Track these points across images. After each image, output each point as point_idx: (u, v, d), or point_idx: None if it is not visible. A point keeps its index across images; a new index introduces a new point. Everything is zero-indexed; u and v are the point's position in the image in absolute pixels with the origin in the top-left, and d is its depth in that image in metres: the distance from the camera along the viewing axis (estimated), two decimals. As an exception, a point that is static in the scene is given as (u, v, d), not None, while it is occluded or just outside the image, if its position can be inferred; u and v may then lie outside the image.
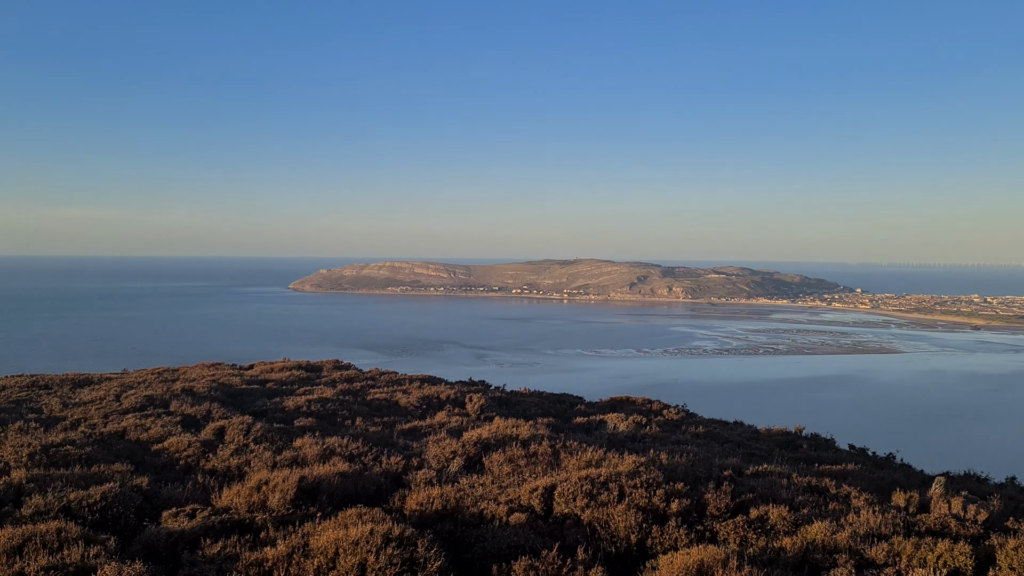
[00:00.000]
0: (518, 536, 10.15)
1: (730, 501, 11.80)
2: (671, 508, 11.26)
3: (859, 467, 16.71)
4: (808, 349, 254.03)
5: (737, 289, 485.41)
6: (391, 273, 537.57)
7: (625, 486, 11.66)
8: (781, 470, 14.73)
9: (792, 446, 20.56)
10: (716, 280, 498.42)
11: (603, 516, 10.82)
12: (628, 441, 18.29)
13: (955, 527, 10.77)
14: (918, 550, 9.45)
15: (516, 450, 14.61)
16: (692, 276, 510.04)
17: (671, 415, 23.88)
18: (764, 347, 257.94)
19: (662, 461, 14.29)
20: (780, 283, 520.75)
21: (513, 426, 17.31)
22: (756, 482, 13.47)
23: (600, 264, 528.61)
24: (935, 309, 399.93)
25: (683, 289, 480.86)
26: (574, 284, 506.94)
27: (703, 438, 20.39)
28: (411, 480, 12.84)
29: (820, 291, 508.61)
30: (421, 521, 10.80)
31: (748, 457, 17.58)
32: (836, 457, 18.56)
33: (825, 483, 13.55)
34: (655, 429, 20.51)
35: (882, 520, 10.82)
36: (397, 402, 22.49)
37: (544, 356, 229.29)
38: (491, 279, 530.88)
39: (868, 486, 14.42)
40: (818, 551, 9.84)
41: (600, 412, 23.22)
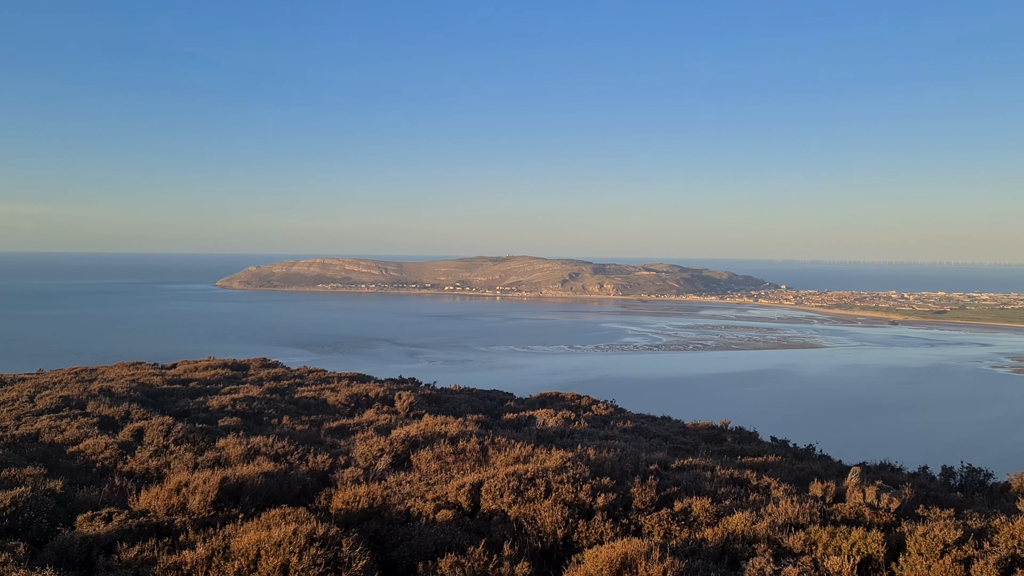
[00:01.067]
0: (445, 533, 10.12)
1: (655, 495, 11.98)
2: (597, 503, 11.38)
3: (780, 459, 17.15)
4: (736, 345, 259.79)
5: (667, 286, 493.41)
6: (322, 270, 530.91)
7: (552, 482, 11.73)
8: (705, 463, 15.02)
9: (717, 440, 20.99)
10: (647, 277, 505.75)
11: (530, 512, 10.86)
12: (557, 437, 18.41)
13: (869, 515, 11.13)
14: (833, 538, 9.74)
15: (444, 447, 14.57)
16: (623, 273, 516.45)
17: (600, 410, 24.13)
18: (693, 343, 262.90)
19: (590, 456, 14.42)
20: (709, 280, 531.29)
21: (442, 423, 17.27)
22: (681, 475, 13.71)
23: (532, 261, 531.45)
24: (855, 305, 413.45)
25: (614, 286, 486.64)
26: (507, 281, 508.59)
27: (631, 433, 20.67)
28: (338, 479, 12.69)
29: (747, 288, 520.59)
30: (347, 520, 10.69)
31: (674, 451, 17.88)
32: (759, 449, 19.01)
33: (747, 475, 13.86)
34: (584, 424, 20.70)
35: (800, 510, 11.12)
36: (325, 400, 22.22)
37: (476, 353, 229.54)
38: (424, 276, 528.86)
39: (788, 477, 14.82)
40: (738, 541, 10.06)
41: (530, 408, 23.33)
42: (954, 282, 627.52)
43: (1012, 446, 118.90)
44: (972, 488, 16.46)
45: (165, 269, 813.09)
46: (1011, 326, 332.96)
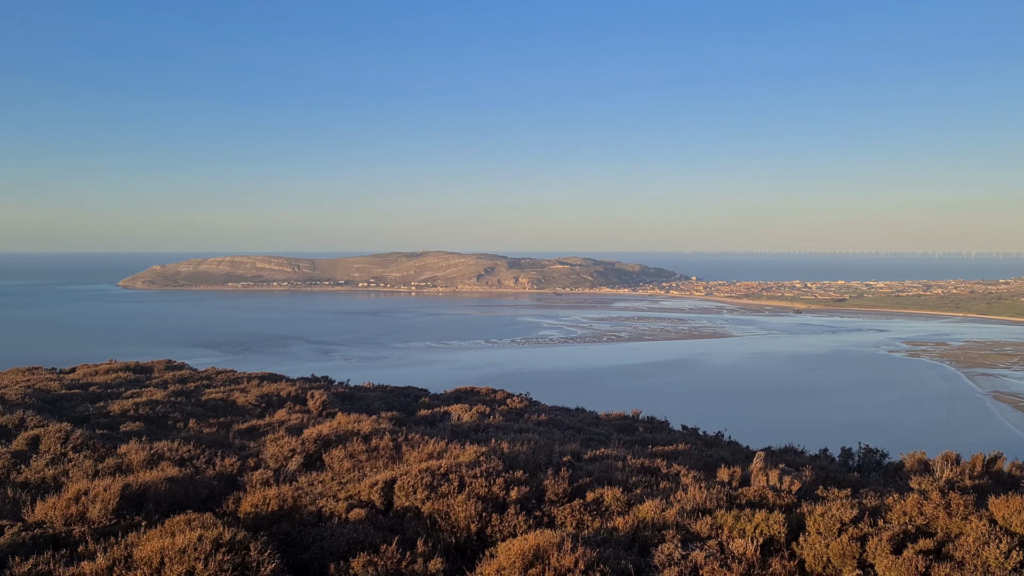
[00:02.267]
0: (358, 532, 10.01)
1: (568, 486, 12.12)
2: (511, 496, 11.44)
3: (690, 447, 17.58)
4: (649, 336, 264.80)
5: (581, 279, 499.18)
6: (231, 268, 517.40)
7: (466, 476, 11.74)
8: (617, 453, 15.28)
9: (630, 429, 21.35)
10: (561, 270, 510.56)
11: (443, 507, 10.85)
12: (471, 431, 18.43)
13: (772, 498, 11.51)
14: (738, 521, 10.04)
15: (357, 445, 14.42)
16: (538, 267, 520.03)
17: (515, 404, 24.26)
18: (607, 335, 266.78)
19: (503, 450, 14.48)
20: (622, 272, 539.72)
21: (355, 421, 17.08)
22: (593, 466, 13.91)
23: (448, 256, 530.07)
24: (762, 295, 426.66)
25: (529, 280, 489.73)
26: (422, 276, 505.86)
27: (545, 425, 20.84)
28: (247, 481, 12.41)
29: (659, 279, 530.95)
30: (256, 523, 10.46)
31: (587, 442, 18.12)
32: (669, 438, 19.43)
33: (657, 463, 14.16)
34: (499, 418, 20.77)
35: (707, 495, 11.43)
36: (234, 401, 21.68)
37: (392, 350, 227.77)
38: (337, 273, 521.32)
39: (697, 464, 15.21)
40: (648, 528, 10.27)
41: (445, 404, 23.28)
42: (853, 271, 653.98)
43: (908, 427, 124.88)
44: (869, 468, 17.19)
45: (61, 269, 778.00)
46: (905, 312, 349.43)
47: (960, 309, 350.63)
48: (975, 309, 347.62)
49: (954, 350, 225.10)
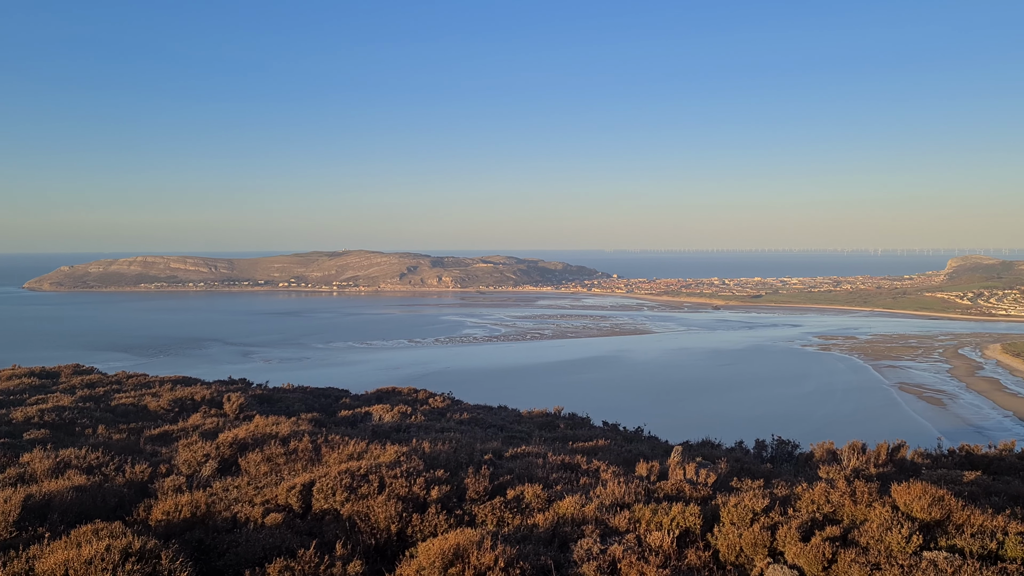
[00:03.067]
0: (274, 537, 9.82)
1: (489, 484, 12.14)
2: (432, 495, 11.39)
3: (610, 442, 17.81)
4: (571, 333, 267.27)
5: (504, 277, 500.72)
6: (144, 268, 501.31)
7: (386, 477, 11.65)
8: (538, 450, 15.37)
9: (551, 427, 21.52)
10: (484, 269, 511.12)
11: (363, 509, 10.73)
12: (393, 432, 18.29)
13: (688, 491, 11.76)
14: (655, 515, 10.22)
15: (275, 448, 14.15)
16: (461, 266, 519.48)
17: (437, 403, 24.19)
18: (531, 332, 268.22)
19: (425, 449, 14.42)
20: (545, 271, 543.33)
21: (274, 424, 16.75)
22: (515, 463, 13.96)
23: (370, 255, 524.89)
24: (681, 292, 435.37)
25: (452, 279, 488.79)
26: (344, 276, 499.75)
27: (467, 424, 20.84)
28: (158, 488, 12.04)
29: (581, 277, 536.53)
30: (168, 531, 10.17)
31: (509, 440, 18.18)
32: (590, 434, 19.65)
33: (578, 459, 14.30)
34: (420, 418, 20.67)
35: (626, 490, 11.59)
36: (146, 406, 21.01)
37: (314, 350, 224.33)
38: (256, 273, 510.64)
39: (616, 459, 15.42)
40: (568, 524, 10.37)
41: (366, 404, 23.05)
42: (769, 268, 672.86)
43: (820, 418, 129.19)
44: (782, 459, 17.73)
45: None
46: (817, 307, 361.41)
47: (868, 304, 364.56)
48: (882, 304, 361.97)
49: (862, 343, 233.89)
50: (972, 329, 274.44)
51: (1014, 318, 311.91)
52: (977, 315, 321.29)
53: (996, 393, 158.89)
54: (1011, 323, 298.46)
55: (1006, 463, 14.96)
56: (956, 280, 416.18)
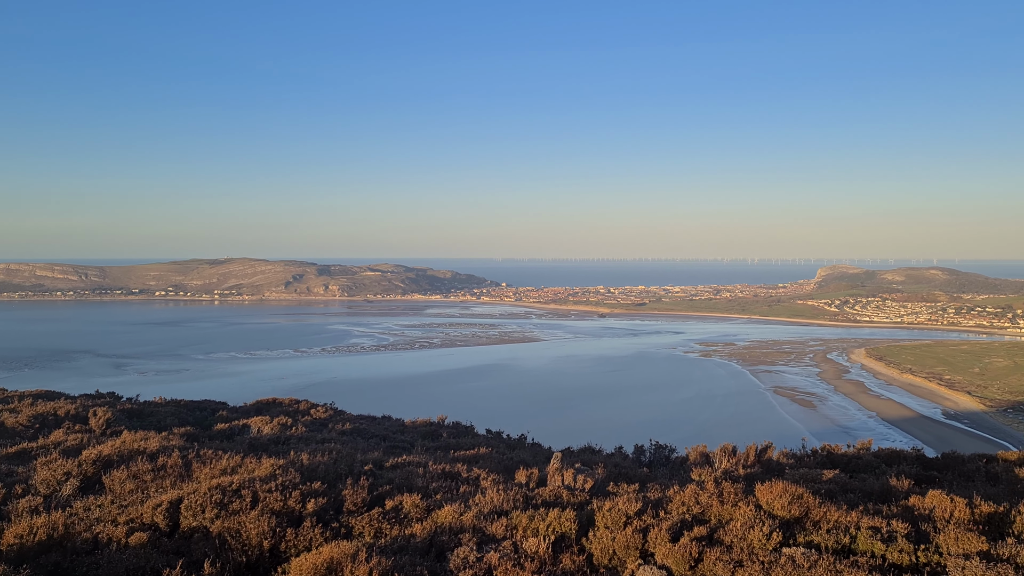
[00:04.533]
0: (138, 557, 9.41)
1: (367, 495, 11.99)
2: (307, 509, 11.16)
3: (491, 450, 17.88)
4: (460, 341, 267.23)
5: (393, 286, 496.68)
6: (7, 276, 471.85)
7: (259, 491, 11.33)
8: (420, 460, 15.28)
9: (434, 436, 21.43)
10: (372, 277, 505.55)
11: (234, 525, 10.41)
12: (271, 444, 17.81)
13: (566, 496, 11.93)
14: (532, 521, 10.33)
15: (143, 464, 13.55)
16: (348, 274, 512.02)
17: (319, 414, 23.71)
18: (419, 341, 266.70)
19: (303, 461, 14.11)
20: (434, 279, 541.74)
21: (143, 439, 16.03)
22: (395, 473, 13.83)
23: (253, 263, 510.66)
24: (569, 300, 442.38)
25: (340, 287, 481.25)
26: (226, 284, 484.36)
27: (349, 434, 20.52)
28: (11, 511, 11.34)
29: (470, 286, 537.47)
30: (21, 555, 9.59)
31: (391, 450, 18.01)
32: (473, 443, 19.67)
33: (458, 468, 14.30)
34: (301, 429, 20.21)
35: (504, 497, 11.66)
36: (2, 423, 19.74)
37: (194, 361, 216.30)
38: (131, 281, 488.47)
39: (497, 467, 15.50)
40: (445, 533, 10.35)
41: (244, 417, 22.37)
42: (652, 276, 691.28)
43: (701, 422, 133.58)
44: (659, 463, 18.22)
45: None
46: (699, 315, 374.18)
47: (745, 311, 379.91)
48: (758, 311, 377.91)
49: (740, 349, 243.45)
50: (839, 335, 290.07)
51: (876, 324, 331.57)
52: (844, 321, 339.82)
53: (861, 395, 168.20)
54: (874, 328, 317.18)
55: (863, 461, 15.84)
56: (825, 288, 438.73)
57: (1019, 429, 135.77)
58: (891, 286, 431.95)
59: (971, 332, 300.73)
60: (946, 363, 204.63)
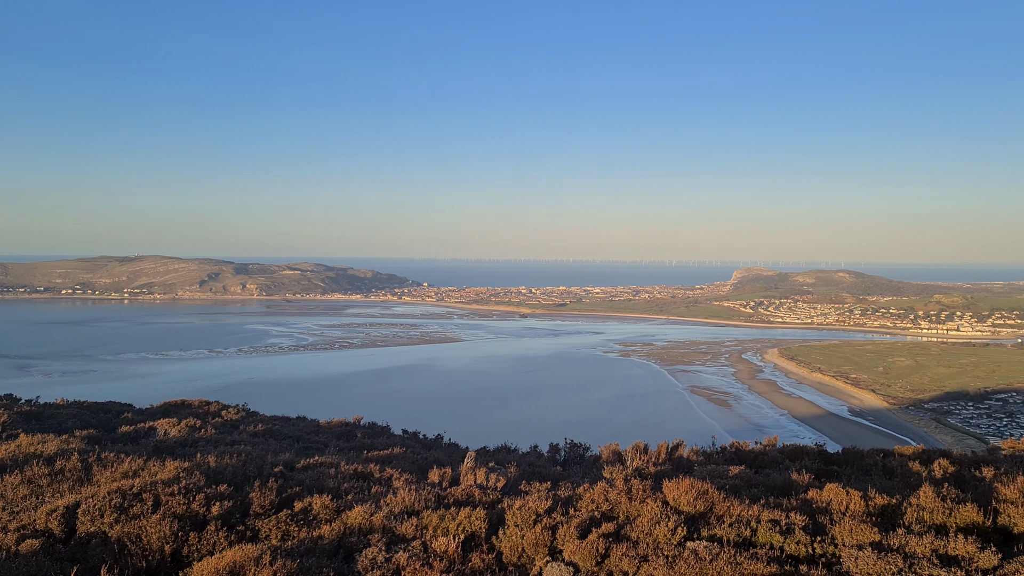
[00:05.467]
0: (29, 566, 9.03)
1: (276, 497, 11.76)
2: (212, 512, 10.88)
3: (406, 450, 17.79)
4: (381, 342, 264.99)
5: (313, 285, 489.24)
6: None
7: (162, 494, 11.00)
8: (332, 460, 15.08)
9: (349, 436, 21.20)
10: (291, 276, 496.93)
11: (135, 530, 10.08)
12: (179, 447, 17.34)
13: (478, 495, 11.94)
14: (443, 520, 10.30)
15: (38, 469, 13.00)
16: (267, 273, 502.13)
17: (230, 416, 23.18)
18: (340, 341, 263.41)
19: (210, 464, 13.77)
20: (354, 279, 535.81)
21: (40, 442, 15.40)
22: (305, 475, 13.62)
23: (166, 261, 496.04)
24: (491, 300, 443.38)
25: (257, 286, 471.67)
26: (137, 283, 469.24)
27: (261, 436, 20.12)
28: None
29: (392, 286, 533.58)
30: (-100, 566, 9.08)
31: (304, 451, 17.73)
32: (388, 443, 19.52)
33: (371, 468, 14.16)
34: (211, 431, 19.72)
35: (416, 497, 11.60)
36: None
37: (102, 363, 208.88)
38: (35, 279, 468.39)
39: (411, 467, 15.41)
40: (355, 534, 10.24)
41: (151, 419, 21.69)
42: (574, 277, 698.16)
43: (619, 422, 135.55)
44: (573, 461, 18.41)
45: None
46: (618, 315, 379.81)
47: (664, 312, 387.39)
48: (676, 312, 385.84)
49: (659, 349, 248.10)
50: (754, 335, 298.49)
51: (788, 324, 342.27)
52: (758, 322, 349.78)
53: (773, 394, 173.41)
54: (786, 329, 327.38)
55: (769, 457, 16.31)
56: (740, 290, 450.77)
57: (919, 425, 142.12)
58: (802, 288, 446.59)
59: (876, 332, 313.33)
60: (853, 362, 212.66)
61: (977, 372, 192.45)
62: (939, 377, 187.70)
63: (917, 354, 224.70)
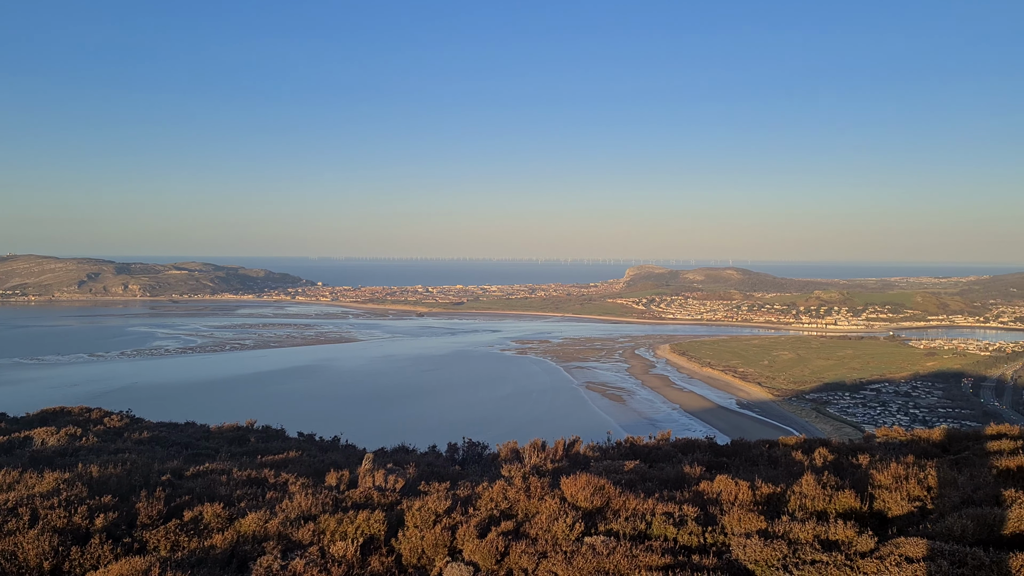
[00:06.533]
0: None
1: (164, 507, 11.34)
2: (96, 524, 10.40)
3: (302, 453, 17.41)
4: (275, 343, 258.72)
5: (201, 285, 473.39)
6: None
7: (40, 508, 10.45)
8: (223, 467, 14.64)
9: (242, 441, 20.61)
10: (179, 276, 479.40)
11: (9, 547, 9.53)
12: (58, 456, 16.47)
13: (377, 497, 11.82)
14: (341, 524, 10.15)
15: (-100, 485, 12.13)
16: (151, 272, 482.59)
17: (114, 423, 22.17)
18: (231, 343, 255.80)
19: (93, 474, 13.14)
20: (246, 278, 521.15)
21: (-99, 457, 14.37)
22: (196, 483, 13.18)
23: (41, 261, 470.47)
24: (387, 299, 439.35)
25: (141, 287, 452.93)
26: (8, 284, 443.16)
27: (148, 444, 19.33)
28: None
29: (285, 285, 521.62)
30: None
31: (194, 458, 17.13)
32: (283, 446, 19.07)
33: (265, 474, 13.83)
34: (93, 440, 18.82)
35: (313, 502, 11.38)
36: None
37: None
38: None
39: (308, 471, 15.11)
40: (248, 542, 9.98)
41: (27, 428, 20.53)
42: (471, 276, 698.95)
43: (517, 419, 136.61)
44: (472, 460, 18.44)
45: None
46: (515, 313, 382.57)
47: (560, 310, 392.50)
48: (571, 309, 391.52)
49: (555, 347, 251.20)
50: (647, 331, 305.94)
51: (680, 321, 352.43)
52: (650, 319, 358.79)
53: (666, 388, 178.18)
54: (677, 325, 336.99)
55: (662, 451, 16.76)
56: (633, 287, 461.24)
57: (801, 415, 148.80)
58: (693, 285, 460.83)
59: (761, 328, 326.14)
60: (740, 356, 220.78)
61: (853, 364, 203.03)
62: (819, 369, 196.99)
63: (799, 348, 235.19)
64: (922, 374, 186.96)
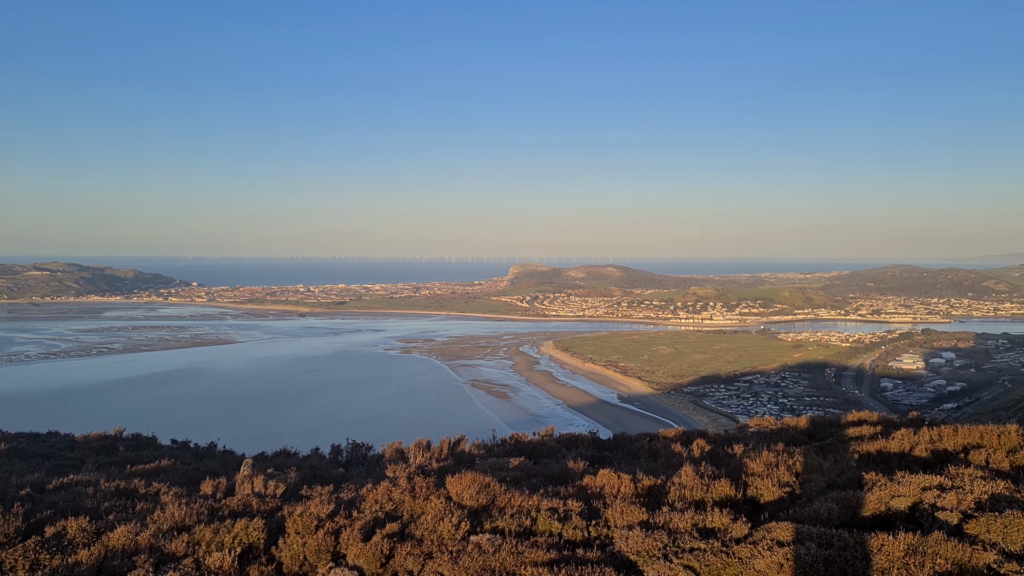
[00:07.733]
0: None
1: (22, 523, 10.62)
2: (-56, 545, 9.64)
3: (175, 461, 16.70)
4: (146, 346, 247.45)
5: (64, 287, 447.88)
6: None
7: None
8: (90, 478, 13.87)
9: (110, 450, 19.59)
10: (39, 277, 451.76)
11: None
12: (-99, 474, 15.21)
13: (256, 504, 11.44)
14: (217, 534, 9.76)
15: None
16: (9, 274, 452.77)
17: (-34, 435, 20.68)
18: (97, 347, 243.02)
19: (-60, 491, 12.20)
20: (113, 279, 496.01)
21: None
22: (59, 496, 12.43)
23: None
24: (267, 299, 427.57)
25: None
26: None
27: (4, 456, 18.11)
28: None
29: (156, 286, 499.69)
30: None
31: (56, 470, 16.16)
32: (155, 455, 18.25)
33: (135, 484, 13.18)
34: (-59, 454, 17.50)
35: (187, 512, 10.91)
36: None
37: None
38: None
39: (182, 479, 14.50)
40: (118, 557, 9.47)
41: None
42: (353, 275, 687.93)
43: (402, 418, 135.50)
44: (356, 462, 18.14)
45: None
46: (399, 312, 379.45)
47: (444, 308, 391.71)
48: (456, 308, 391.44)
49: (440, 345, 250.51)
50: (530, 328, 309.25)
51: (562, 317, 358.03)
52: (534, 316, 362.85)
53: (550, 384, 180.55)
54: (560, 322, 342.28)
55: (547, 447, 16.93)
56: (517, 285, 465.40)
57: (679, 408, 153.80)
58: (575, 283, 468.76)
59: (641, 323, 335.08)
60: (621, 352, 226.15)
61: (727, 357, 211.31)
62: (696, 363, 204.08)
63: (677, 342, 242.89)
64: (790, 365, 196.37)
